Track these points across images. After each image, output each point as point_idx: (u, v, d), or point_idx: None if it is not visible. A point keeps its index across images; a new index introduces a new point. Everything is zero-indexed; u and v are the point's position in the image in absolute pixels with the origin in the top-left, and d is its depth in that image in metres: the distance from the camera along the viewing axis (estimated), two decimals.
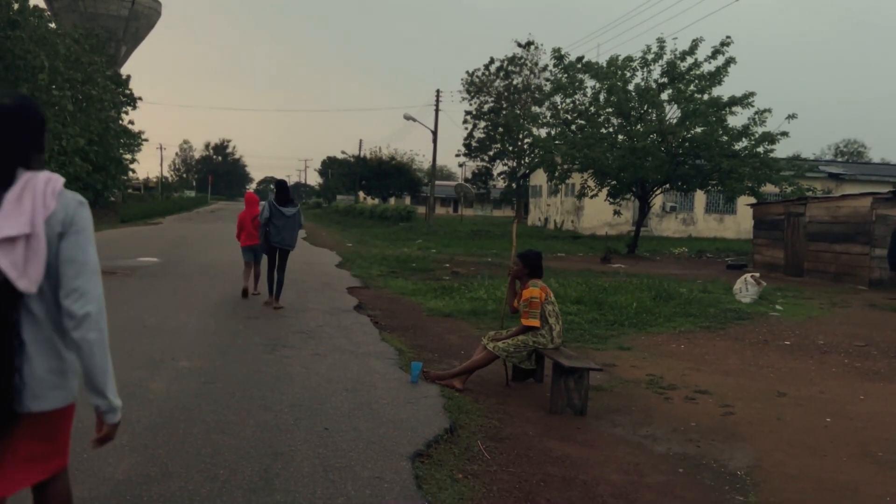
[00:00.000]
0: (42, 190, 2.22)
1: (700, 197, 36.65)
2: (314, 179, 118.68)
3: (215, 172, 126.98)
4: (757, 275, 13.77)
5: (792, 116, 22.40)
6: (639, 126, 24.55)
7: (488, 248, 27.55)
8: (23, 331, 2.22)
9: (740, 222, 38.82)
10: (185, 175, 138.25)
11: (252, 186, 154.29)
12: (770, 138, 23.24)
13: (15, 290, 2.16)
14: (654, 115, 23.96)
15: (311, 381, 6.18)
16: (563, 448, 5.17)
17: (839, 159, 64.28)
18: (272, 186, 12.84)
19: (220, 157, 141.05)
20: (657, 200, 28.29)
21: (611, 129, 25.42)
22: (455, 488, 4.15)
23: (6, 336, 2.18)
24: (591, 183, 25.85)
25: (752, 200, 26.38)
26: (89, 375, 2.32)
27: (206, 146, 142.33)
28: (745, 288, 12.99)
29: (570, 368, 6.05)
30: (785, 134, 22.82)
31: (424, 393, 6.11)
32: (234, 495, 3.66)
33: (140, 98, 46.07)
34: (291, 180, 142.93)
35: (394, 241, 31.18)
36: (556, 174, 25.04)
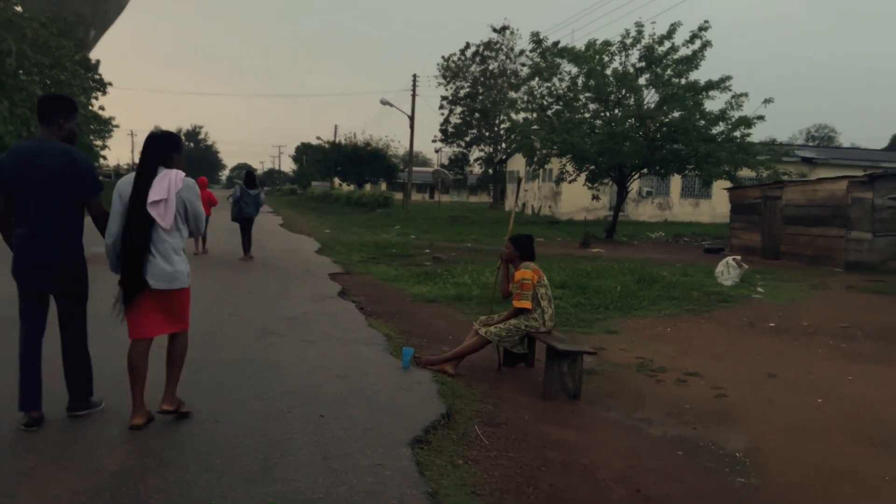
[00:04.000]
0: (174, 177, 4.29)
1: (675, 182, 36.86)
2: (288, 166, 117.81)
3: (187, 159, 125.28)
4: (738, 258, 13.84)
5: (768, 101, 22.53)
6: (616, 111, 24.55)
7: (467, 234, 27.50)
8: (154, 244, 4.26)
9: (715, 206, 39.12)
10: None
11: (225, 173, 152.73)
12: (746, 122, 23.36)
13: (155, 224, 4.23)
14: (633, 99, 23.97)
15: (302, 369, 6.07)
16: (559, 433, 5.12)
17: (810, 144, 64.99)
18: (243, 174, 17.08)
19: (191, 144, 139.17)
20: (634, 185, 28.34)
21: (588, 114, 25.39)
22: (457, 475, 4.08)
23: (145, 245, 4.23)
24: (569, 168, 25.84)
25: (728, 185, 26.58)
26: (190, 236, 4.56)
27: (178, 132, 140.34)
28: (727, 271, 13.05)
29: (564, 352, 6.00)
30: (761, 118, 22.95)
31: (417, 378, 6.03)
32: (232, 485, 3.55)
33: (110, 83, 45.12)
34: (265, 167, 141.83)
35: (372, 227, 31.00)
36: (536, 159, 24.99)
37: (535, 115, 26.34)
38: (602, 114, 24.95)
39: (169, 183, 4.22)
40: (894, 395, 6.46)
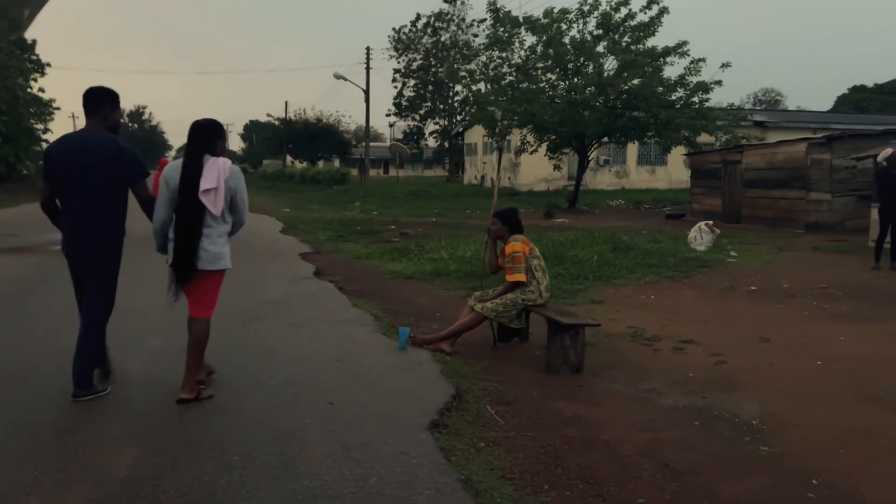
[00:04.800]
0: (222, 165, 4.42)
1: (632, 149, 37.06)
2: (237, 144, 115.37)
3: (132, 140, 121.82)
4: (710, 223, 13.92)
5: (726, 65, 22.69)
6: (576, 79, 24.46)
7: (429, 209, 27.29)
8: (203, 229, 4.40)
9: (671, 173, 39.54)
10: None
11: (171, 154, 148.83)
12: (704, 88, 23.50)
13: (206, 210, 4.37)
14: (591, 67, 23.89)
15: (298, 354, 5.84)
16: (572, 408, 5.01)
17: (758, 108, 65.98)
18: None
19: (135, 125, 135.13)
20: (592, 154, 28.33)
21: (546, 84, 25.26)
22: (481, 458, 3.93)
23: (197, 231, 4.38)
24: (530, 138, 25.71)
25: (685, 151, 26.79)
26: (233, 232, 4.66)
27: (121, 113, 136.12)
28: (700, 236, 13.12)
29: (566, 325, 5.88)
30: (719, 83, 23.10)
31: (417, 359, 5.85)
32: (257, 484, 3.34)
33: (49, 64, 43.50)
34: None
35: (331, 204, 30.57)
36: (497, 130, 24.80)
37: (492, 86, 26.04)
38: (562, 82, 24.84)
39: (218, 171, 4.38)
40: (889, 353, 6.50)
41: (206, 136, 4.47)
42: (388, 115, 56.73)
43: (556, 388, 5.51)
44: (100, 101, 4.61)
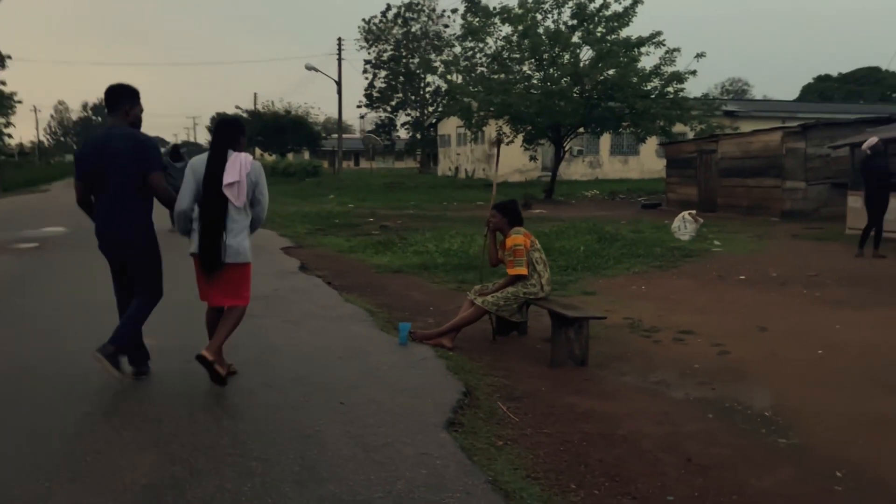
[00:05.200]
0: (244, 160, 4.64)
1: (605, 140, 37.18)
2: (204, 137, 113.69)
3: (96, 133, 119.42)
4: (694, 212, 13.98)
5: (700, 55, 22.79)
6: (551, 70, 24.43)
7: (406, 200, 27.12)
8: (227, 223, 4.60)
9: (643, 163, 39.85)
10: (63, 138, 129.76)
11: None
12: (679, 78, 23.60)
13: (229, 203, 4.58)
14: (567, 57, 23.87)
15: (300, 352, 5.70)
16: (584, 403, 4.94)
17: (726, 97, 66.64)
18: (169, 148, 17.57)
19: (99, 118, 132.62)
20: (567, 145, 28.32)
21: (518, 75, 25.19)
22: (503, 458, 3.84)
23: (221, 224, 4.58)
24: (506, 129, 25.64)
25: (657, 141, 26.97)
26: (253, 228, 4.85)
27: (84, 106, 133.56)
28: (684, 226, 13.17)
29: (571, 318, 5.81)
30: (693, 73, 23.22)
31: (420, 355, 5.75)
32: (282, 490, 3.22)
33: (9, 56, 42.56)
34: (179, 139, 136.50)
35: (305, 197, 30.23)
36: (473, 121, 24.69)
37: (468, 76, 25.85)
38: (538, 73, 24.80)
39: (240, 165, 4.61)
40: (889, 339, 6.53)
41: (230, 132, 4.78)
42: (359, 107, 56.31)
43: (564, 382, 5.44)
44: (119, 97, 4.80)
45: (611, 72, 22.85)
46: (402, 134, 59.17)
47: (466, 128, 27.28)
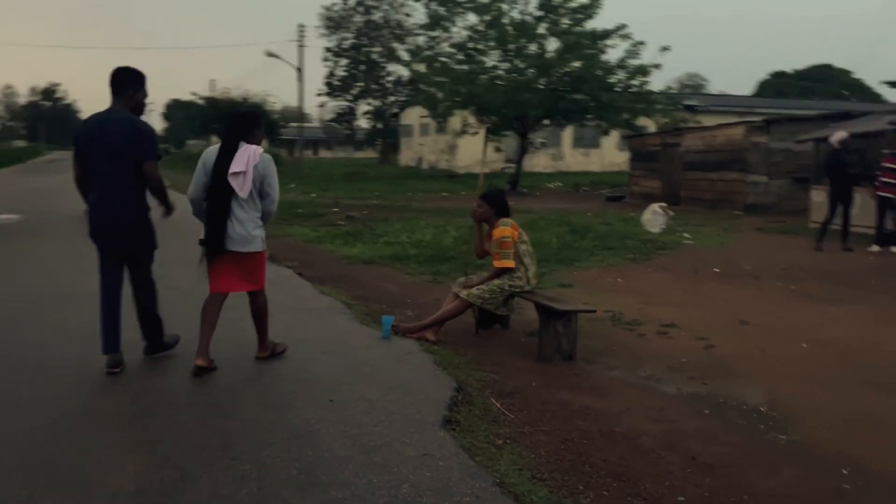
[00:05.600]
0: (253, 152, 4.65)
1: (567, 132, 37.26)
2: (158, 124, 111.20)
3: (45, 119, 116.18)
4: (665, 205, 14.01)
5: (665, 48, 22.92)
6: (517, 61, 24.35)
7: (369, 191, 26.80)
8: (233, 211, 4.64)
9: (605, 156, 40.08)
10: (9, 123, 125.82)
11: None
12: (643, 71, 23.70)
13: (234, 193, 4.60)
14: (534, 48, 23.79)
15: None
16: (578, 399, 4.83)
17: (684, 92, 67.32)
18: None
19: (49, 103, 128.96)
20: (533, 137, 28.27)
21: (489, 64, 25.08)
22: (505, 458, 3.69)
23: (225, 212, 4.62)
24: (472, 120, 25.49)
25: (623, 134, 27.11)
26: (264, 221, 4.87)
27: (33, 91, 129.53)
28: (654, 218, 13.18)
29: (559, 312, 5.70)
30: (657, 66, 23.34)
31: (405, 349, 5.58)
32: (280, 496, 3.02)
33: None
34: None
35: None
36: (439, 111, 24.48)
37: (433, 66, 25.56)
38: (504, 63, 24.69)
39: (248, 157, 4.64)
40: (870, 335, 6.56)
41: (244, 124, 4.82)
42: (319, 95, 55.56)
43: (553, 377, 5.32)
44: (124, 82, 4.75)
45: (576, 64, 22.82)
46: (363, 123, 58.58)
47: (432, 118, 27.02)
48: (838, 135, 12.05)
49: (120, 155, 4.58)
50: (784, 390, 5.10)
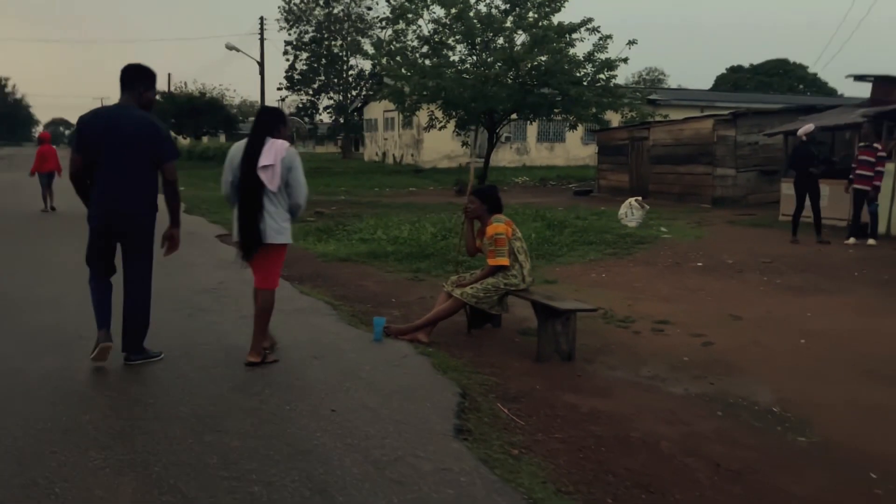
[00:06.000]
0: (279, 146, 4.78)
1: (532, 127, 37.20)
2: None
3: None
4: (640, 199, 13.94)
5: (632, 42, 22.87)
6: (484, 55, 24.12)
7: (335, 186, 26.43)
8: (265, 205, 4.73)
9: (569, 150, 40.17)
10: None
11: (40, 129, 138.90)
12: (610, 65, 23.64)
13: (265, 187, 4.71)
14: (501, 42, 23.59)
15: None
16: (584, 402, 4.63)
17: (644, 86, 67.91)
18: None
19: None
20: (501, 131, 28.11)
21: (456, 58, 24.81)
22: (526, 469, 3.47)
23: (258, 206, 4.73)
24: (438, 114, 25.21)
25: (589, 128, 27.07)
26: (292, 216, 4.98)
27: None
28: (631, 212, 13.09)
29: (558, 311, 5.50)
30: (625, 60, 23.29)
31: (400, 352, 5.34)
32: None
33: None
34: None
35: None
36: (406, 105, 24.14)
37: (391, 60, 25.15)
38: (471, 57, 24.45)
39: (275, 151, 4.73)
40: (861, 326, 6.50)
41: (270, 120, 4.92)
42: (279, 89, 54.57)
43: (556, 378, 5.11)
44: (137, 78, 4.72)
45: (544, 58, 22.66)
46: (325, 118, 57.78)
47: (399, 112, 26.67)
48: (806, 127, 12.08)
49: (135, 150, 4.56)
50: (790, 387, 4.97)
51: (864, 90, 18.20)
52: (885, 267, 9.27)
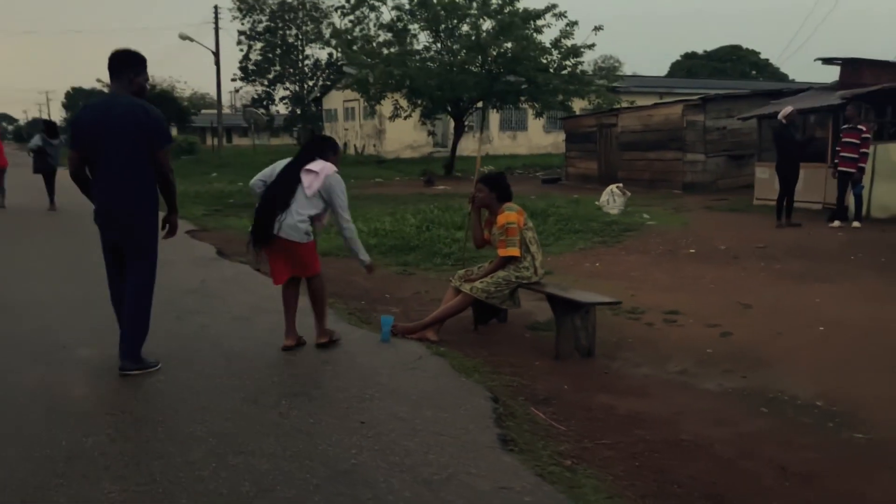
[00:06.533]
0: (329, 166, 5.11)
1: (494, 116, 36.95)
2: (58, 114, 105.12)
3: None
4: (621, 185, 13.75)
5: (598, 28, 22.75)
6: (449, 42, 23.77)
7: None
8: (296, 200, 4.93)
9: (531, 138, 40.03)
10: None
11: None
12: (576, 52, 23.51)
13: (301, 185, 4.98)
14: (466, 29, 23.25)
15: (271, 356, 4.82)
16: (620, 403, 4.35)
17: (601, 73, 68.03)
18: (42, 127, 16.92)
19: None
20: (467, 119, 27.78)
21: (420, 46, 24.42)
22: (585, 482, 3.17)
23: (286, 200, 4.92)
24: (403, 103, 24.77)
25: (553, 116, 26.93)
26: (349, 249, 5.39)
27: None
28: (612, 199, 12.89)
29: (577, 304, 5.21)
30: (591, 46, 23.20)
31: (413, 353, 5.00)
32: None
33: None
34: (29, 116, 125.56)
35: (185, 175, 28.07)
36: (371, 94, 23.65)
37: (347, 49, 24.56)
38: (435, 45, 24.07)
39: (325, 166, 5.04)
40: (876, 315, 6.32)
41: (326, 146, 5.29)
42: (233, 80, 53.30)
43: (582, 377, 4.83)
44: (124, 64, 4.54)
45: (510, 44, 22.40)
46: (281, 109, 56.69)
47: (365, 101, 26.13)
48: (785, 110, 11.99)
49: (130, 140, 4.35)
50: (827, 380, 4.76)
51: (818, 76, 18.31)
52: (878, 250, 9.20)
